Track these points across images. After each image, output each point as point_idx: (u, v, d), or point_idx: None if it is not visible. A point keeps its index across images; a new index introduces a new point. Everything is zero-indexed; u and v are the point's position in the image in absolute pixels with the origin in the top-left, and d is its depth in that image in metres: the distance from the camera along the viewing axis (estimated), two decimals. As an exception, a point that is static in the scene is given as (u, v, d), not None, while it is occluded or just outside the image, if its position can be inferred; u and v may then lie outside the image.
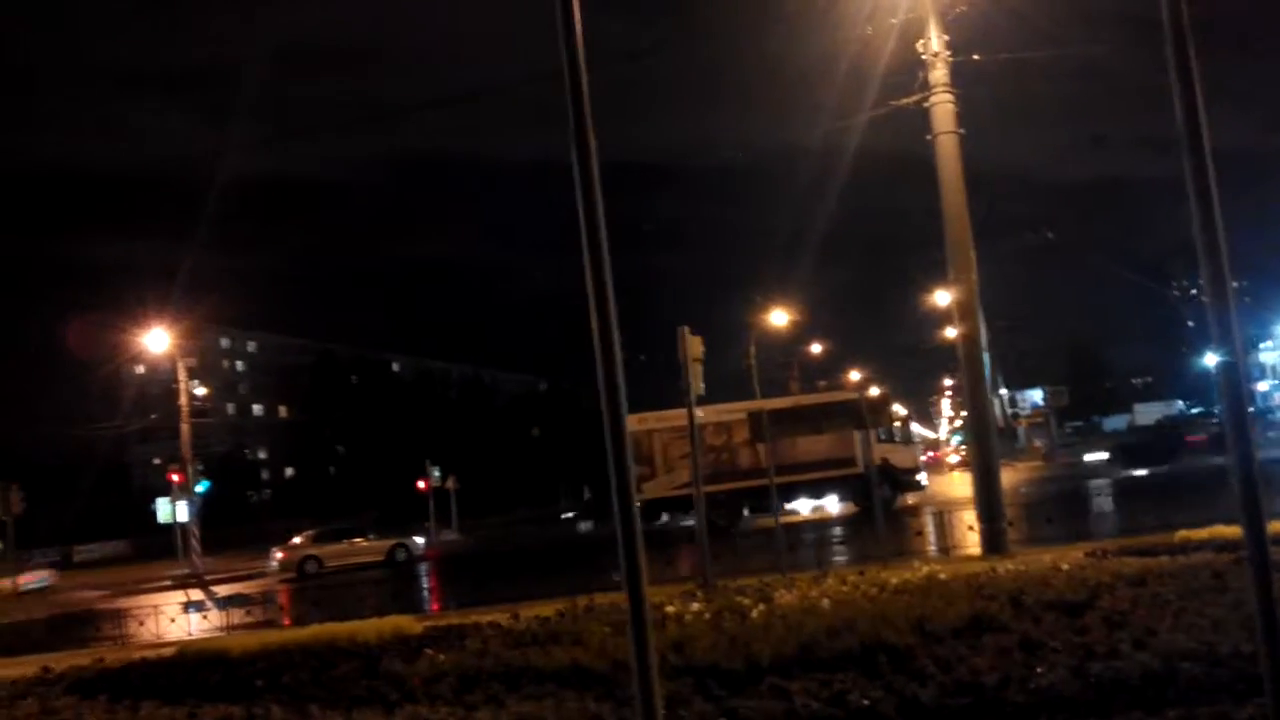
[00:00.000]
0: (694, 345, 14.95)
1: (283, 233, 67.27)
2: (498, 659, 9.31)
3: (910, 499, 36.04)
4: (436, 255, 69.53)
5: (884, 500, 34.66)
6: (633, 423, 36.39)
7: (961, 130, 17.32)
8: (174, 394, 41.89)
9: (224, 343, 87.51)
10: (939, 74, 17.21)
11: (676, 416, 30.53)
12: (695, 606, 11.03)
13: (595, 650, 8.99)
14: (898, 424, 39.52)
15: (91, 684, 10.30)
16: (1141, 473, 39.79)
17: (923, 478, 38.30)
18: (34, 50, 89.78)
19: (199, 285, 53.10)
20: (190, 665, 10.53)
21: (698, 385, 15.11)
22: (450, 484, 53.96)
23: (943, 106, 17.19)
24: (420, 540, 39.35)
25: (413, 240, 69.93)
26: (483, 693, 8.18)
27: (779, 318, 44.14)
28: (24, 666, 12.43)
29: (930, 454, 70.86)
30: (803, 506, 36.87)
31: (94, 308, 53.23)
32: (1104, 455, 47.75)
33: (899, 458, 36.83)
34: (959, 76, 17.37)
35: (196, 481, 41.98)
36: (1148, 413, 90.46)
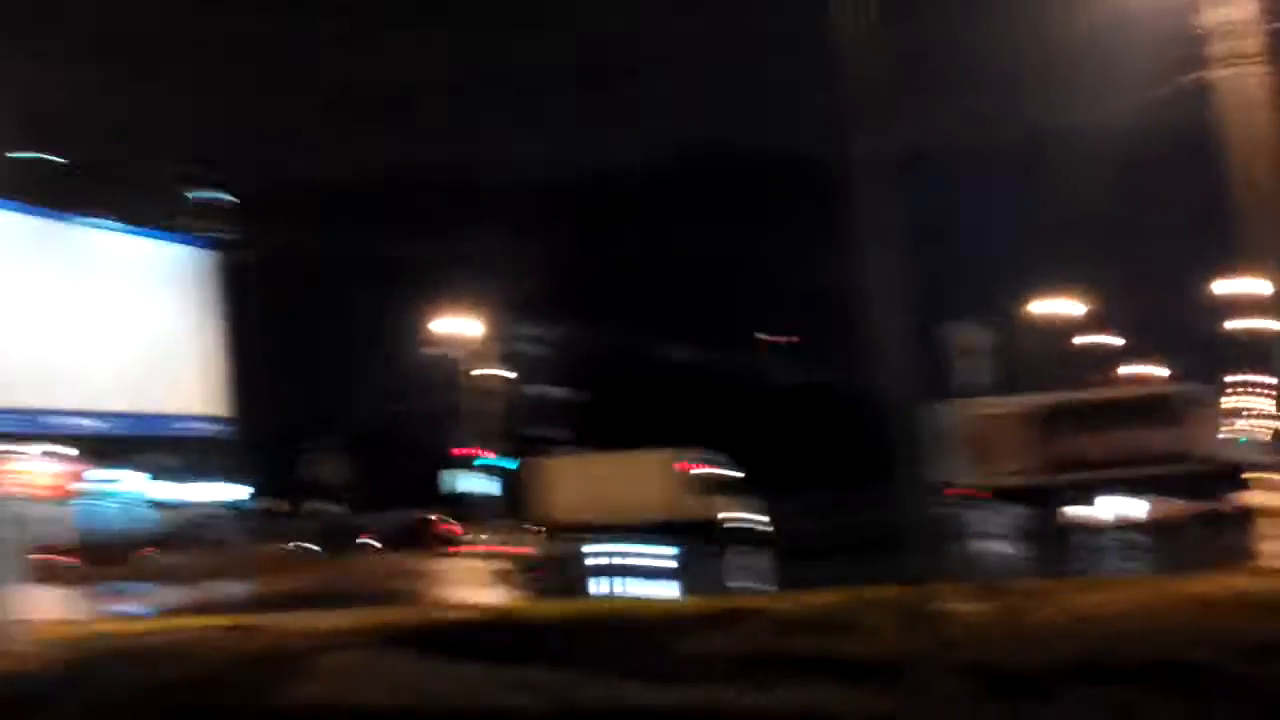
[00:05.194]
0: (971, 337, 14.53)
1: (581, 224, 69.80)
2: (771, 644, 9.38)
3: (1239, 500, 33.47)
4: (727, 247, 70.33)
5: (1222, 502, 32.38)
6: (970, 408, 35.00)
7: (1265, 101, 15.76)
8: (481, 376, 44.70)
9: (523, 329, 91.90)
10: (1236, 44, 15.74)
11: (1014, 403, 30.42)
12: (980, 606, 10.75)
13: (875, 641, 8.94)
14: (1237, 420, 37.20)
15: (408, 638, 11.08)
16: None
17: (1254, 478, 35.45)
18: (360, 57, 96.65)
19: (504, 274, 56.03)
20: (487, 628, 11.22)
21: (978, 376, 14.69)
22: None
23: (1241, 78, 15.68)
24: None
25: (701, 232, 71.03)
26: (755, 676, 8.23)
27: (1070, 307, 42.04)
28: (349, 618, 13.59)
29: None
30: (1112, 506, 34.87)
31: (414, 297, 57.55)
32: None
33: (1232, 456, 34.31)
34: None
35: (498, 458, 44.45)
36: None
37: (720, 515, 34.46)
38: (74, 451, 56.73)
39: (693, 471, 35.61)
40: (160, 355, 16.61)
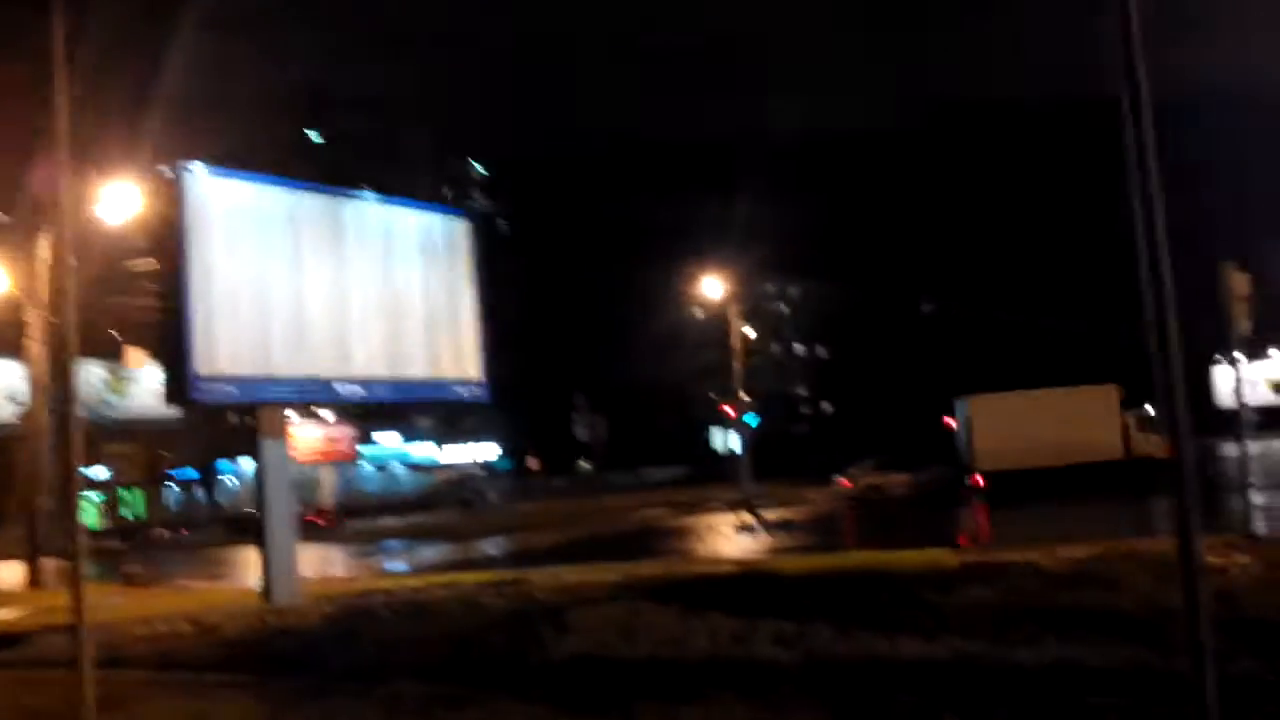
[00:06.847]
0: (1239, 283, 13.71)
1: (821, 183, 68.81)
2: (1034, 598, 9.28)
3: None
4: (972, 202, 67.90)
5: None
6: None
7: None
8: (727, 335, 45.11)
9: (769, 288, 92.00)
10: None
11: None
12: (1241, 559, 10.38)
13: (1137, 597, 8.73)
14: None
15: (665, 592, 11.57)
16: None
17: None
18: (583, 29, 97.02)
19: (748, 237, 56.35)
20: (748, 583, 11.50)
21: (1243, 324, 13.84)
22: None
23: None
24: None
25: (948, 187, 68.73)
26: (1020, 631, 8.22)
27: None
28: (606, 573, 14.18)
29: None
30: None
31: (662, 261, 58.95)
32: None
33: None
34: None
35: (746, 415, 44.84)
36: None
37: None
38: (342, 418, 60.82)
39: (1141, 407, 33.24)
40: (421, 323, 17.49)
